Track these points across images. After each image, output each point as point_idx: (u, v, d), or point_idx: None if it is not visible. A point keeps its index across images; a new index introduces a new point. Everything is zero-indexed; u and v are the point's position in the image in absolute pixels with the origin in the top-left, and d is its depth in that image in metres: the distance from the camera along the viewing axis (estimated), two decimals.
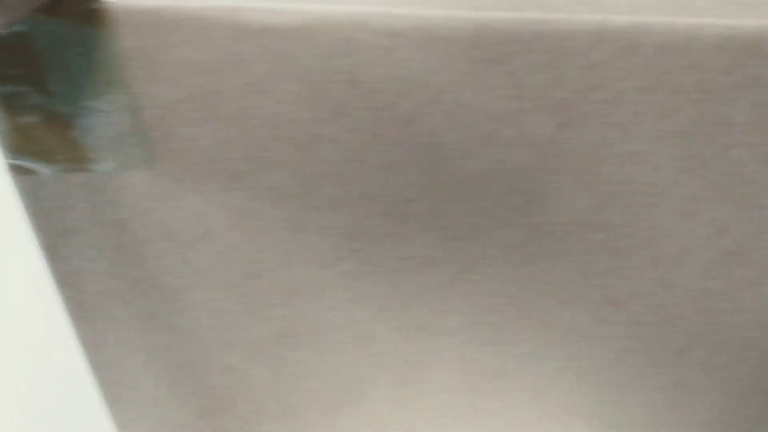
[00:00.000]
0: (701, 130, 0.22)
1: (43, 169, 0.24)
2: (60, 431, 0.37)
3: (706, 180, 0.23)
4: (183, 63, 0.21)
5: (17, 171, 0.24)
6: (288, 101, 0.22)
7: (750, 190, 0.24)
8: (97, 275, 0.27)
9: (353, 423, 0.32)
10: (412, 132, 0.22)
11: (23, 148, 0.23)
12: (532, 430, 0.32)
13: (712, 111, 0.22)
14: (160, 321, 0.29)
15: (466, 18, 0.20)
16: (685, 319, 0.28)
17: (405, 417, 0.33)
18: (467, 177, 0.24)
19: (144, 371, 0.32)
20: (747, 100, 0.22)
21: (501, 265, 0.26)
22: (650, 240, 0.25)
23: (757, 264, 0.26)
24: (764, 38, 0.20)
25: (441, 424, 0.32)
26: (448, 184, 0.24)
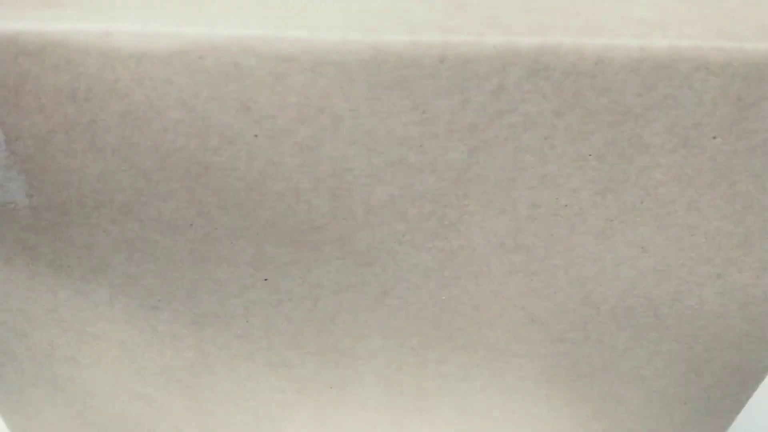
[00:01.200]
0: (616, 153, 0.21)
1: None
2: None
3: (624, 202, 0.23)
4: (52, 92, 0.19)
5: None
6: (173, 129, 0.20)
7: (669, 210, 0.23)
8: None
9: None
10: (314, 159, 0.21)
11: None
12: None
13: (626, 133, 0.21)
14: (62, 352, 0.27)
15: (361, 41, 0.18)
16: (609, 336, 0.27)
17: None
18: (377, 203, 0.22)
19: (49, 402, 0.30)
20: (663, 123, 0.21)
21: (420, 289, 0.25)
22: (570, 260, 0.24)
23: (678, 280, 0.25)
24: (676, 58, 0.19)
25: None
26: (358, 210, 0.22)
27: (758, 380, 0.30)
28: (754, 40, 0.19)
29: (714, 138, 0.21)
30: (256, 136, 0.20)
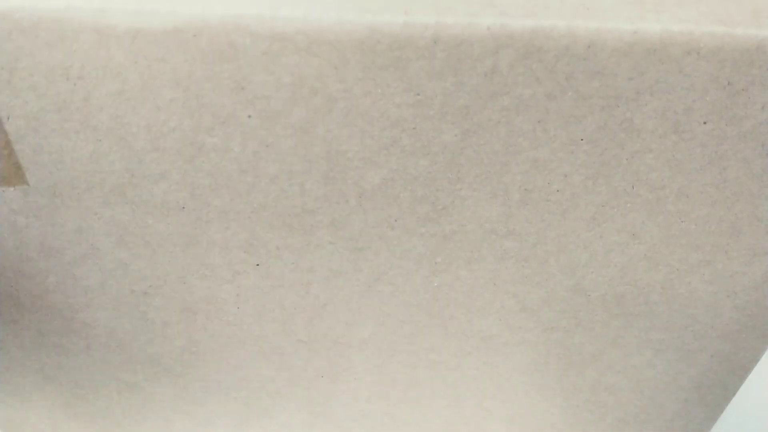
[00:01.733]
0: (608, 137, 0.21)
1: None
2: None
3: (616, 187, 0.23)
4: (45, 70, 0.19)
5: None
6: (167, 109, 0.20)
7: (659, 195, 0.23)
8: None
9: None
10: (307, 141, 0.21)
11: None
12: None
13: (617, 117, 0.21)
14: (51, 340, 0.27)
15: (355, 22, 0.18)
16: (599, 324, 0.28)
17: (319, 429, 0.31)
18: (369, 186, 0.22)
19: (36, 392, 0.30)
20: (654, 107, 0.21)
21: (412, 275, 0.25)
22: (561, 247, 0.24)
23: (668, 267, 0.25)
24: (667, 42, 0.20)
25: None
26: (350, 194, 0.22)
27: (748, 369, 0.30)
28: (746, 25, 0.20)
29: (704, 123, 0.21)
30: (249, 116, 0.20)
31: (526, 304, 0.26)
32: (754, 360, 0.29)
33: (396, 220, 0.23)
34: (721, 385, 0.31)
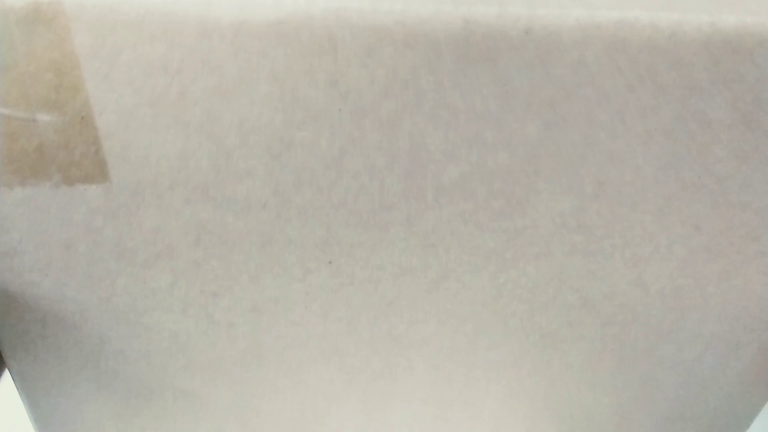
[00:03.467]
0: (681, 128, 0.22)
1: None
2: None
3: (684, 178, 0.23)
4: (145, 64, 0.19)
5: None
6: (260, 104, 0.20)
7: (724, 186, 0.24)
8: (38, 300, 0.25)
9: None
10: (393, 135, 0.21)
11: None
12: None
13: (692, 108, 0.22)
14: (111, 346, 0.27)
15: (453, 13, 0.19)
16: (655, 317, 0.28)
17: None
18: (448, 181, 0.23)
19: (89, 402, 0.29)
20: (726, 98, 0.21)
21: (480, 271, 0.25)
22: (627, 240, 0.25)
23: (725, 259, 0.26)
24: (741, 33, 0.20)
25: None
26: (428, 189, 0.23)
27: None
28: None
29: None
30: (340, 110, 0.20)
31: (587, 299, 0.27)
32: None
33: (470, 215, 0.24)
34: (764, 380, 0.32)
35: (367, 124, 0.21)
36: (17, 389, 0.28)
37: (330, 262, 0.24)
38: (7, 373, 0.36)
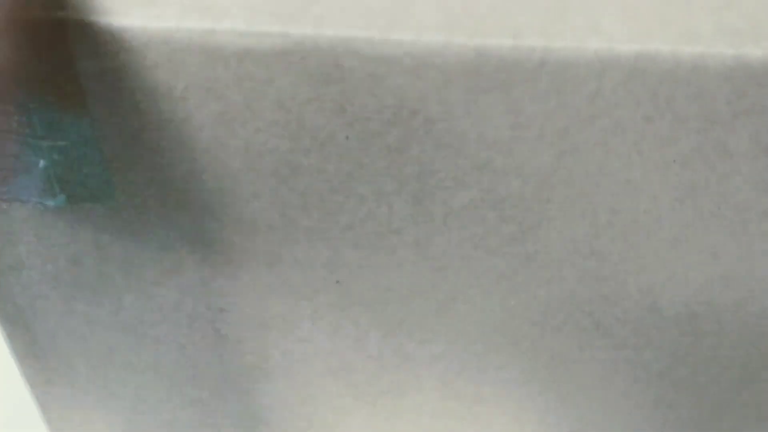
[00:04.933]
0: (700, 159, 0.21)
1: None
2: None
3: (702, 208, 0.23)
4: (151, 89, 0.19)
5: None
6: (267, 131, 0.20)
7: (743, 217, 0.23)
8: (47, 313, 0.25)
9: None
10: (401, 161, 0.21)
11: None
12: None
13: (712, 139, 0.21)
14: (118, 357, 0.27)
15: (465, 45, 0.18)
16: (669, 342, 0.28)
17: None
18: (458, 206, 0.22)
19: (98, 409, 0.29)
20: (747, 129, 0.21)
21: (490, 295, 0.25)
22: (642, 267, 0.24)
23: (744, 288, 0.25)
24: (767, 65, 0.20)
25: None
26: (438, 214, 0.22)
27: None
28: None
29: None
30: (347, 137, 0.20)
31: (600, 323, 0.26)
32: None
33: (480, 240, 0.23)
34: None
35: (375, 150, 0.20)
36: (31, 395, 0.29)
37: (338, 282, 0.24)
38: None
